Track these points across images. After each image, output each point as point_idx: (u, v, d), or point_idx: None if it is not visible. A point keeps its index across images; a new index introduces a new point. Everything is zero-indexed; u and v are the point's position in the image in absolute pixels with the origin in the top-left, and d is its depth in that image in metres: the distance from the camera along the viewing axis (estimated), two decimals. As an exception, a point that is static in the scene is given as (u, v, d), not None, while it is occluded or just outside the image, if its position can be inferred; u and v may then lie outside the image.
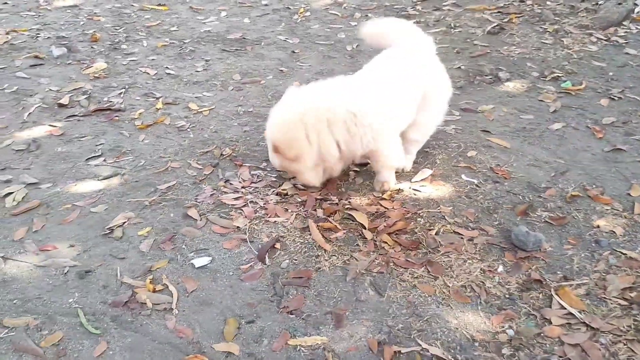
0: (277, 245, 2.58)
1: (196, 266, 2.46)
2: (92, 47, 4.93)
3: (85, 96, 4.02)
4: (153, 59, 4.70)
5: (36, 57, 4.71)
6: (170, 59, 4.71)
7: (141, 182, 3.07)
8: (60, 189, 3.03)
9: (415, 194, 2.92)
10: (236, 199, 2.91)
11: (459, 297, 2.26)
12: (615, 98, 3.82)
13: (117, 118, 3.74)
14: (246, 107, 3.87)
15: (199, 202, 2.89)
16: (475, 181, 3.00)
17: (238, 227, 2.70)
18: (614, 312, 2.16)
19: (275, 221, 2.74)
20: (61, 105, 3.90)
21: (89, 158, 3.30)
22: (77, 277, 2.41)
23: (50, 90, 4.12)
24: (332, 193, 2.93)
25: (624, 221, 2.66)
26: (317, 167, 2.83)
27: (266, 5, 6.01)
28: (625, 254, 2.45)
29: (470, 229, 2.65)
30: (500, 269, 2.41)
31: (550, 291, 2.27)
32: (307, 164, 2.77)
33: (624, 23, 5.07)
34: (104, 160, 3.28)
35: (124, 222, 2.74)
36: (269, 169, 3.15)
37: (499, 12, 5.51)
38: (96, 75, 4.38)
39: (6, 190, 2.99)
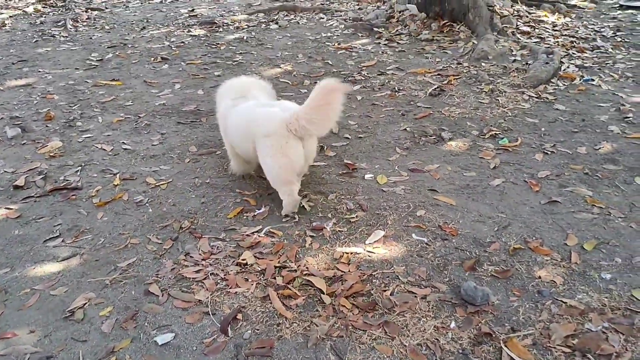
0: (239, 316, 2.65)
1: (159, 343, 2.49)
2: (46, 126, 4.99)
3: (42, 176, 4.06)
4: (109, 135, 4.79)
5: (-11, 138, 4.73)
6: (126, 134, 4.80)
7: (101, 261, 3.11)
8: (19, 273, 3.03)
9: (369, 256, 3.06)
10: (197, 272, 2.98)
11: (416, 355, 2.38)
12: (548, 152, 4.12)
13: (74, 197, 3.79)
14: (203, 179, 3.98)
15: (160, 278, 2.94)
16: (425, 240, 3.17)
17: (200, 300, 2.76)
18: (558, 360, 2.31)
19: (236, 292, 2.82)
20: (17, 187, 3.92)
21: (47, 239, 3.32)
22: (38, 364, 2.41)
23: (5, 172, 4.15)
24: (290, 260, 3.04)
25: (562, 270, 2.86)
26: None
27: (219, 76, 6.22)
28: (566, 302, 2.63)
29: (422, 287, 2.79)
30: (453, 324, 2.54)
31: (500, 343, 2.41)
32: None
33: (552, 80, 5.50)
34: (63, 241, 3.31)
35: (85, 304, 2.76)
36: (227, 240, 3.25)
37: (438, 74, 5.89)
38: (52, 154, 4.43)
39: (-38, 278, 2.97)
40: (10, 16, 9.97)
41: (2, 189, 3.91)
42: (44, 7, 10.74)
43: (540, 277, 2.81)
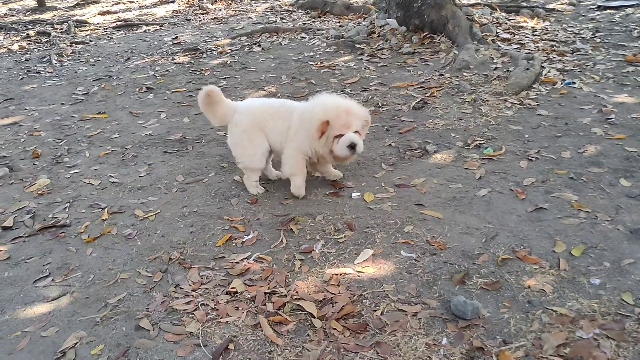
0: (231, 346, 2.63)
1: (152, 379, 2.48)
2: (34, 164, 5.00)
3: (30, 215, 4.06)
4: (96, 169, 4.80)
5: (-23, 180, 4.73)
6: (113, 167, 4.82)
7: (91, 298, 3.10)
8: (9, 316, 3.02)
9: (359, 276, 3.06)
10: (187, 303, 2.97)
11: (408, 374, 2.37)
12: (532, 159, 4.15)
13: (63, 234, 3.78)
14: (191, 208, 3.98)
15: (151, 312, 2.93)
16: (414, 256, 3.17)
17: (191, 332, 2.75)
18: (551, 370, 2.31)
19: (227, 321, 2.81)
20: (5, 228, 3.92)
21: (37, 280, 3.32)
22: (31, 408, 2.39)
23: (-7, 213, 4.15)
24: (280, 285, 3.04)
25: (552, 278, 2.86)
26: None
27: (204, 102, 6.24)
28: (556, 310, 2.64)
29: (413, 304, 2.79)
30: (444, 341, 2.54)
31: (492, 357, 2.41)
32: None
33: (534, 86, 5.55)
34: (53, 280, 3.30)
35: (76, 343, 2.75)
36: (217, 268, 3.25)
37: (421, 87, 5.94)
38: (40, 192, 4.44)
39: (-48, 325, 2.96)
40: (-5, 55, 10.02)
41: (-9, 231, 3.91)
42: (28, 44, 10.81)
43: (529, 287, 2.82)
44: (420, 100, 5.51)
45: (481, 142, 4.51)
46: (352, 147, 3.56)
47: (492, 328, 2.58)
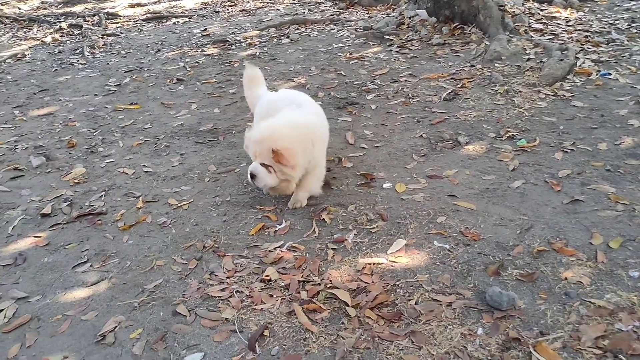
0: (266, 333, 2.67)
1: (189, 363, 2.53)
2: (69, 153, 5.11)
3: (67, 203, 4.15)
4: (130, 159, 4.88)
5: (16, 168, 4.86)
6: (146, 157, 4.89)
7: (129, 284, 3.16)
8: (50, 300, 3.10)
9: (392, 266, 3.07)
10: (222, 290, 3.02)
11: (444, 364, 2.37)
12: (568, 150, 4.09)
13: (100, 222, 3.86)
14: (224, 197, 4.03)
15: (187, 298, 2.99)
16: (447, 246, 3.17)
17: (227, 318, 2.80)
18: (589, 362, 2.29)
19: (262, 308, 2.84)
20: (44, 215, 4.01)
21: (76, 265, 3.40)
22: (73, 389, 2.46)
23: (32, 200, 4.25)
24: (314, 273, 3.06)
25: (589, 270, 2.83)
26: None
27: (234, 93, 6.30)
28: (594, 302, 2.61)
29: (447, 294, 2.79)
30: (480, 331, 2.53)
31: (529, 348, 2.39)
32: (298, 173, 3.60)
33: (568, 77, 5.46)
34: (91, 266, 3.38)
35: (115, 327, 2.82)
36: (250, 257, 3.28)
37: (452, 78, 5.89)
38: (76, 180, 4.53)
39: (-3, 307, 3.06)
40: (29, 47, 10.23)
41: (30, 218, 4.01)
42: (61, 36, 11.00)
43: (566, 279, 2.79)
44: (452, 92, 5.47)
45: (514, 133, 4.46)
46: (251, 176, 3.58)
47: (529, 319, 2.56)
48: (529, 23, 7.34)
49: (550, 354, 2.34)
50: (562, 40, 6.65)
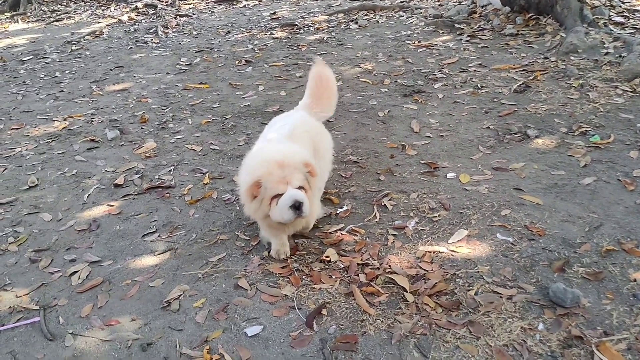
0: (324, 311, 2.72)
1: (249, 335, 2.62)
2: (142, 128, 5.32)
3: (139, 175, 4.34)
4: (198, 136, 5.04)
5: (92, 140, 5.12)
6: (213, 135, 5.03)
7: (194, 256, 3.29)
8: (120, 265, 3.27)
9: (452, 255, 3.05)
10: (283, 267, 3.09)
11: (502, 356, 2.35)
12: (644, 149, 3.92)
13: (168, 195, 4.02)
14: (287, 178, 4.09)
15: (248, 273, 3.08)
16: (511, 239, 3.11)
17: (286, 295, 2.87)
18: (656, 366, 2.21)
19: (320, 288, 2.90)
20: (117, 185, 4.22)
21: (145, 234, 3.56)
22: (139, 350, 2.60)
23: (107, 171, 4.47)
24: (373, 258, 3.08)
25: (660, 273, 2.72)
26: None
27: (300, 77, 6.36)
28: (664, 306, 2.51)
29: (508, 287, 2.75)
30: (541, 326, 2.49)
31: (592, 347, 2.34)
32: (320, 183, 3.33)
33: (649, 73, 5.18)
34: (159, 236, 3.53)
35: (180, 295, 2.95)
36: (311, 237, 3.34)
37: (524, 70, 5.72)
38: (147, 154, 4.72)
39: (72, 269, 3.26)
40: (107, 25, 10.66)
41: (104, 187, 4.22)
42: (137, 15, 11.40)
43: (635, 280, 2.69)
44: (523, 84, 5.31)
45: (587, 129, 4.30)
46: (296, 207, 2.81)
47: (593, 318, 2.50)
48: (609, 16, 7.01)
49: (614, 354, 2.28)
50: (645, 34, 6.31)
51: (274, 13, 10.24)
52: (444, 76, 5.89)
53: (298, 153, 2.97)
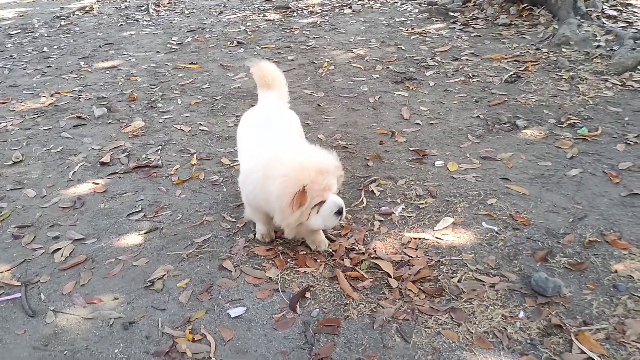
0: (308, 295, 2.73)
1: (232, 316, 2.62)
2: (130, 107, 5.26)
3: (125, 154, 4.30)
4: (187, 116, 5.00)
5: (79, 117, 5.05)
6: (202, 116, 4.99)
7: (179, 236, 3.28)
8: (104, 244, 3.25)
9: (437, 242, 3.06)
10: (268, 250, 3.09)
11: (482, 343, 2.37)
12: (631, 143, 3.93)
13: (155, 174, 3.99)
14: (275, 161, 4.08)
15: (233, 254, 3.07)
16: (496, 228, 3.13)
17: (270, 277, 2.87)
18: (633, 357, 2.24)
19: (305, 271, 2.90)
20: (103, 164, 4.18)
21: (130, 213, 3.54)
22: (121, 329, 2.59)
23: (93, 149, 4.43)
24: (359, 243, 3.09)
25: (641, 265, 2.75)
26: None
27: (292, 60, 6.32)
28: (643, 298, 2.54)
29: (491, 275, 2.77)
30: (522, 314, 2.51)
31: (571, 336, 2.36)
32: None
33: (639, 67, 5.20)
34: (144, 216, 3.51)
35: (164, 275, 2.94)
36: (298, 221, 3.33)
37: (515, 60, 5.72)
38: (135, 133, 4.68)
39: (55, 246, 3.23)
40: (97, 0, 10.49)
41: (90, 165, 4.18)
42: (128, -8, 11.22)
43: (616, 271, 2.72)
44: (514, 74, 5.31)
45: (576, 121, 4.31)
46: (340, 212, 2.76)
47: (573, 308, 2.53)
48: (602, 9, 7.01)
49: (592, 344, 2.31)
50: (637, 28, 6.32)
51: (268, -6, 10.14)
52: (436, 64, 5.87)
53: (328, 157, 2.83)
